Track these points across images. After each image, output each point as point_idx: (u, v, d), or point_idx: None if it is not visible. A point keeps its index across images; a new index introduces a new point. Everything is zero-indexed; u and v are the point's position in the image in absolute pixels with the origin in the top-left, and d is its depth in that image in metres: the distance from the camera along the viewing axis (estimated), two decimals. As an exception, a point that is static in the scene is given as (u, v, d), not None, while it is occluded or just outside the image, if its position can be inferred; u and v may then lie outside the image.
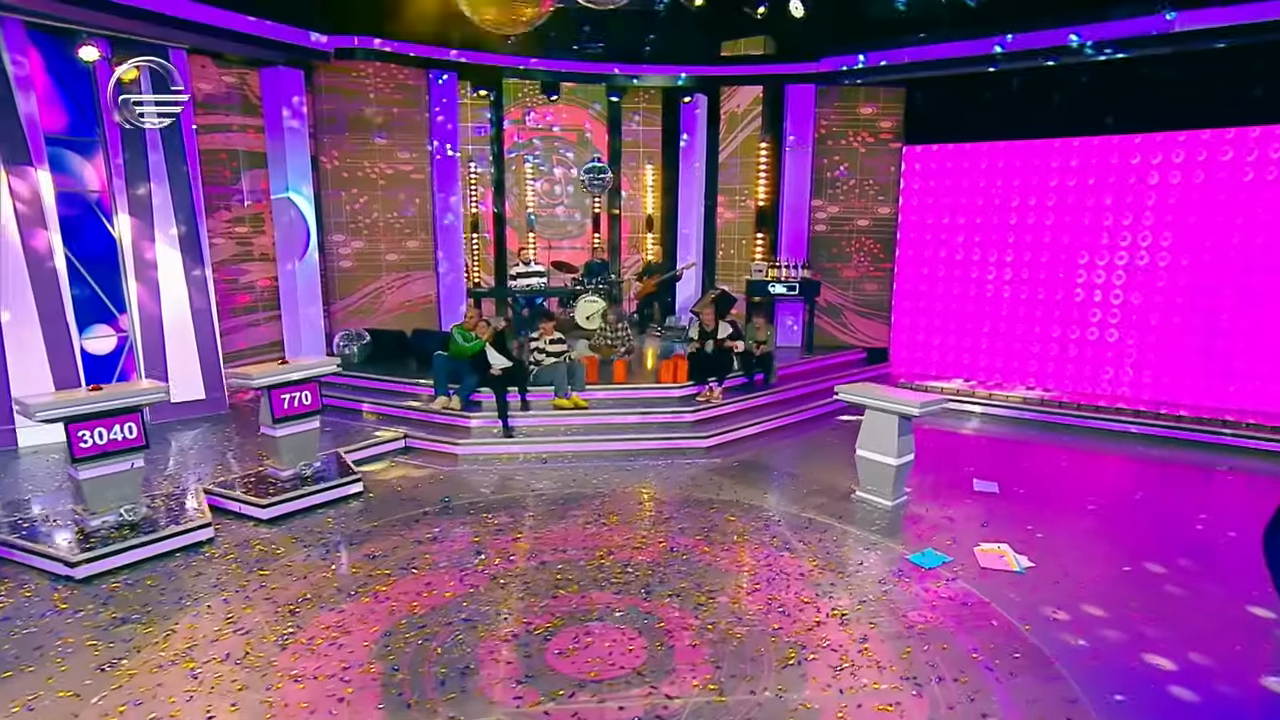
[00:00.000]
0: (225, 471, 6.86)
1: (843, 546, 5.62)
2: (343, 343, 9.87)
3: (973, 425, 9.09)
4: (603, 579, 5.10)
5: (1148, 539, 5.74)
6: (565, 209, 14.00)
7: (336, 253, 10.40)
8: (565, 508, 6.32)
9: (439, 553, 5.53)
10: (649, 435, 7.95)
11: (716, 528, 5.92)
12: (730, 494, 6.65)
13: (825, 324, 11.11)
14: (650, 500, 6.51)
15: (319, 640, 4.39)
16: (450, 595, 4.90)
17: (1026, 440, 8.48)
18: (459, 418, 8.09)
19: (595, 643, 4.36)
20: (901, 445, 6.24)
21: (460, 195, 10.76)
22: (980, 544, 5.61)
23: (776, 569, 5.24)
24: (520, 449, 7.76)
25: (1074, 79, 9.04)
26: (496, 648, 4.32)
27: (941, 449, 8.24)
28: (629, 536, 5.75)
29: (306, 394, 6.64)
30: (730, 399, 8.66)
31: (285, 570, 5.26)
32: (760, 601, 4.80)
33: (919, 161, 10.49)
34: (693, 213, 12.01)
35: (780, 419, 8.54)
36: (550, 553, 5.50)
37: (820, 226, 10.95)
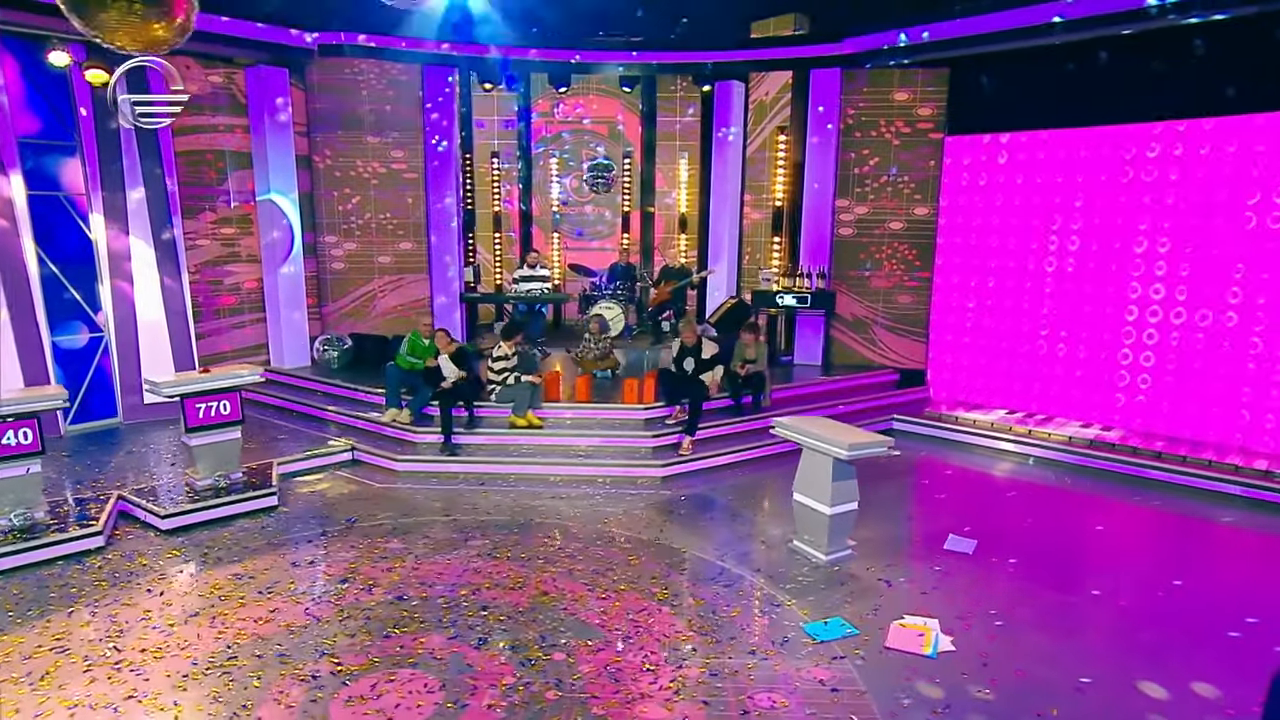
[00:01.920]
0: (154, 478, 7.35)
1: (737, 605, 5.33)
2: (322, 347, 10.34)
3: (1005, 467, 8.40)
4: (449, 621, 5.09)
5: (1149, 645, 4.95)
6: (595, 208, 14.12)
7: (328, 254, 10.91)
8: (468, 536, 6.42)
9: (306, 578, 5.72)
10: (604, 461, 7.93)
11: (612, 571, 5.82)
12: (654, 532, 6.53)
13: (850, 340, 10.63)
14: (563, 534, 6.49)
15: (127, 664, 4.62)
16: (285, 625, 5.04)
17: (1066, 491, 7.74)
18: (409, 431, 8.31)
19: (391, 693, 4.35)
20: (837, 491, 5.86)
21: (457, 195, 11.02)
22: (905, 617, 5.17)
23: (643, 626, 5.04)
24: (464, 468, 7.91)
25: (1155, 49, 8.03)
26: (288, 688, 4.39)
27: (943, 493, 7.71)
28: (511, 574, 5.75)
29: (225, 403, 7.01)
30: (710, 423, 8.46)
31: (151, 586, 5.58)
32: (599, 663, 4.64)
33: (963, 154, 9.80)
34: (726, 212, 11.76)
35: (770, 447, 8.23)
36: (416, 586, 5.58)
37: (846, 230, 10.48)
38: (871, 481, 7.63)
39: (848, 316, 10.59)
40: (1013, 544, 6.36)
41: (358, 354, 10.41)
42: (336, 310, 11.06)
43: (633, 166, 13.67)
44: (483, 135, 13.70)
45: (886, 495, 7.41)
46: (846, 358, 10.62)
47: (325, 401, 9.35)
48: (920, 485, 7.80)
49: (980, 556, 6.11)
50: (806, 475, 6.07)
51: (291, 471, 7.83)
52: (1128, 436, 8.47)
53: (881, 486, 7.61)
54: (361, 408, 8.99)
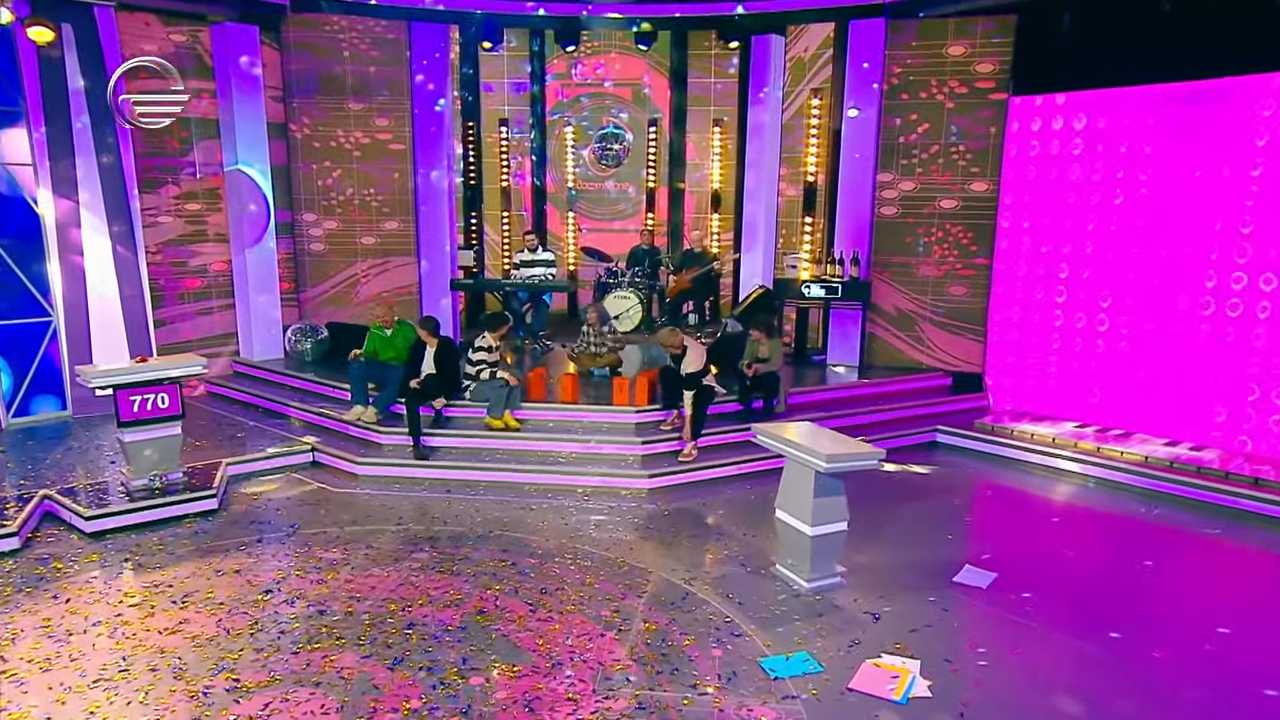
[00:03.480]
0: (91, 476, 7.78)
1: (691, 634, 5.39)
2: (294, 338, 10.72)
3: (1059, 490, 8.22)
4: (369, 638, 5.28)
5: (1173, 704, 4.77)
6: (617, 183, 14.29)
7: (306, 234, 11.30)
8: (415, 548, 6.64)
9: (228, 587, 5.99)
10: (586, 469, 8.07)
11: (562, 590, 5.95)
12: (622, 550, 6.64)
13: (892, 338, 10.53)
14: (519, 548, 6.66)
15: (8, 674, 4.92)
16: (191, 637, 5.31)
17: (1125, 519, 7.53)
18: (374, 431, 8.59)
19: (283, 713, 4.56)
20: (820, 509, 5.85)
21: (449, 168, 11.29)
22: (882, 656, 5.15)
23: (579, 653, 5.15)
24: (430, 474, 8.14)
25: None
26: (175, 705, 4.64)
27: (973, 517, 7.59)
28: (450, 590, 5.94)
29: (163, 396, 7.37)
30: (712, 429, 8.50)
31: (59, 592, 5.93)
32: (518, 690, 4.76)
33: (1031, 118, 9.59)
34: (762, 188, 11.78)
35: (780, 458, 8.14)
36: (344, 600, 5.80)
37: (888, 209, 10.38)
38: (891, 500, 7.65)
39: (890, 310, 10.49)
40: (1039, 578, 6.23)
41: (335, 346, 10.69)
42: (315, 297, 11.43)
43: (659, 136, 13.76)
44: (491, 101, 13.97)
45: (903, 517, 7.35)
46: (889, 358, 10.51)
47: (293, 397, 9.70)
48: (949, 507, 7.69)
49: (995, 591, 6.01)
50: (789, 490, 6.08)
51: (243, 473, 8.17)
52: (1227, 459, 8.15)
53: (901, 507, 7.56)
54: (330, 405, 9.30)
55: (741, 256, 11.99)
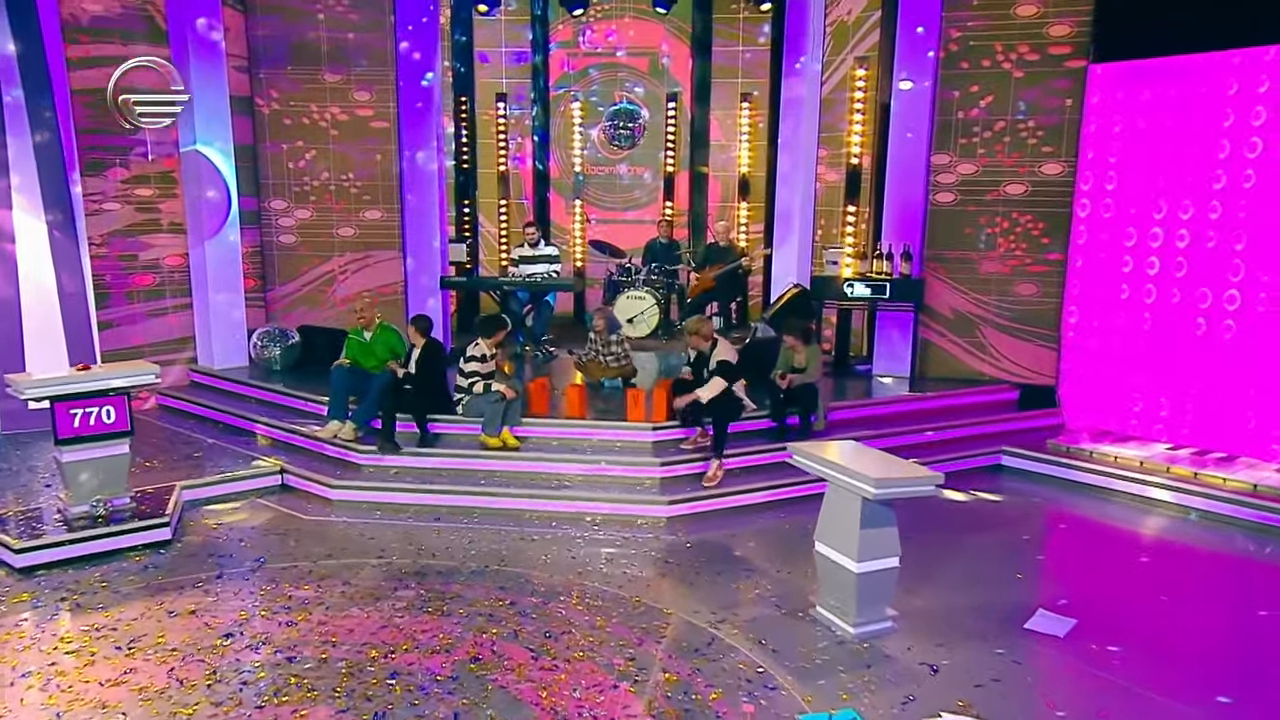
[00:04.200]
0: (22, 502, 7.76)
1: (719, 686, 5.30)
2: (261, 343, 10.71)
3: (1152, 523, 8.10)
4: (345, 690, 5.21)
5: None
6: (630, 167, 14.31)
7: (275, 224, 11.31)
8: (399, 584, 6.62)
9: (182, 631, 5.93)
10: (596, 494, 8.05)
11: (570, 634, 5.89)
12: (638, 588, 6.60)
13: (950, 345, 10.46)
14: (520, 585, 6.61)
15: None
16: (137, 690, 5.24)
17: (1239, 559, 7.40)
18: (352, 451, 8.58)
19: (241, 778, 4.48)
20: (868, 542, 5.77)
21: (439, 149, 11.27)
22: (942, 715, 5.04)
23: (589, 708, 5.06)
24: (416, 499, 8.15)
25: None
26: (117, 766, 4.56)
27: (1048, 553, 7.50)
28: (441, 634, 5.88)
29: (109, 410, 7.33)
30: (740, 449, 8.45)
31: (-14, 635, 5.88)
32: (519, 752, 4.68)
33: (1116, 88, 9.48)
34: (798, 173, 11.68)
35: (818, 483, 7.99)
36: (316, 645, 5.74)
37: (945, 195, 10.31)
38: (949, 533, 7.58)
39: (946, 313, 10.42)
40: (1127, 627, 6.10)
41: (307, 352, 10.74)
42: (284, 296, 11.43)
43: (679, 113, 13.76)
44: (486, 72, 14.05)
45: (964, 552, 7.28)
46: (946, 368, 10.44)
47: (258, 411, 9.71)
48: (1018, 542, 7.59)
49: (1074, 640, 5.90)
50: (831, 520, 6.00)
51: (200, 498, 8.16)
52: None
53: (961, 540, 7.50)
54: (300, 419, 9.30)
55: (773, 251, 11.87)
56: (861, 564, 5.77)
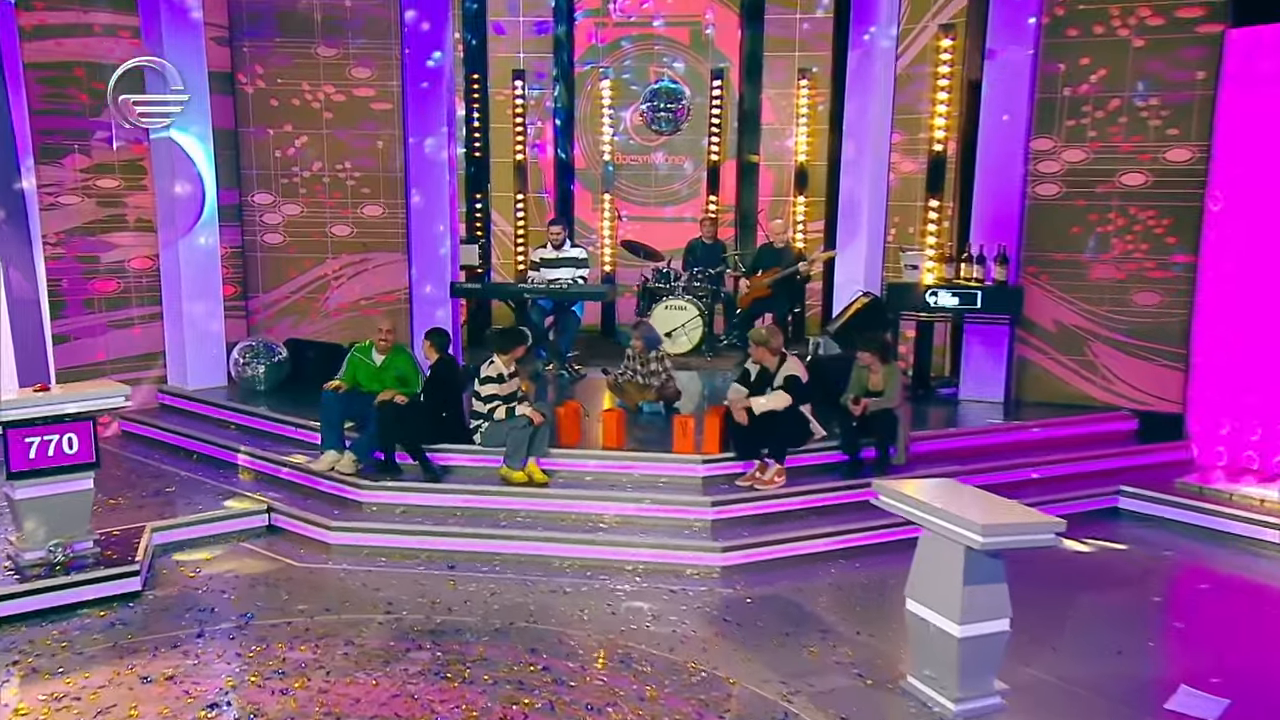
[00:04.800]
0: (-32, 545, 7.67)
1: (799, 780, 5.14)
2: (242, 360, 10.65)
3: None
4: (350, 776, 5.09)
5: None
6: (669, 155, 14.30)
7: (259, 221, 11.26)
8: (412, 645, 6.51)
9: (157, 700, 5.76)
10: (638, 539, 7.96)
11: (616, 707, 5.74)
12: (694, 651, 6.46)
13: (1053, 365, 10.31)
14: (552, 646, 6.50)
15: None
16: (105, 773, 5.13)
17: None
18: (352, 487, 8.50)
19: None
20: (973, 601, 5.59)
21: (451, 136, 11.21)
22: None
23: (644, 800, 4.91)
24: (425, 542, 8.08)
25: None
26: None
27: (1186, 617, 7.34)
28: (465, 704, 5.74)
29: (71, 438, 7.26)
30: (807, 487, 8.38)
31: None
32: None
33: (1262, 58, 9.27)
34: (867, 162, 11.61)
35: (900, 528, 7.86)
36: (317, 717, 5.60)
37: (1047, 187, 10.17)
38: (1063, 590, 7.41)
39: (1048, 326, 10.26)
40: None
41: (296, 370, 10.68)
42: (269, 305, 11.36)
43: (726, 93, 13.68)
44: (503, 46, 13.98)
45: (1083, 613, 7.11)
46: (1048, 392, 10.28)
47: (240, 439, 9.66)
48: (1148, 603, 7.46)
49: (1234, 721, 5.71)
50: (926, 573, 5.83)
51: (174, 541, 8.09)
52: None
53: (1077, 599, 7.33)
54: (290, 449, 9.25)
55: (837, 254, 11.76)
56: (965, 627, 5.58)
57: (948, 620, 5.65)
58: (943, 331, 10.92)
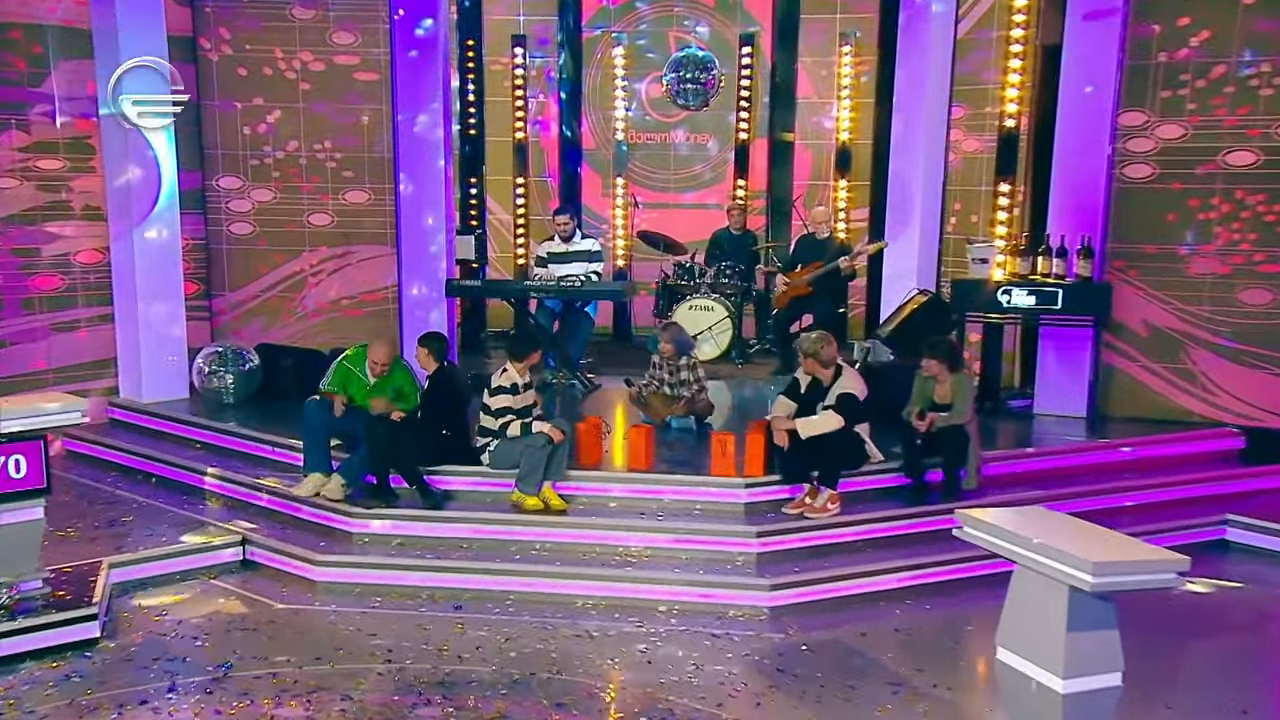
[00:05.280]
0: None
1: None
2: (208, 368, 10.46)
3: None
4: None
5: None
6: (690, 134, 14.27)
7: (225, 210, 11.13)
8: (418, 699, 6.40)
9: (122, 770, 5.66)
10: (672, 574, 7.85)
11: (661, 781, 5.62)
12: (740, 708, 6.37)
13: (1144, 373, 10.21)
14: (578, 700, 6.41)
15: None
16: None
17: None
18: (340, 515, 8.35)
19: None
20: (1077, 651, 5.37)
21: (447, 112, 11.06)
22: None
23: None
24: (427, 579, 7.93)
25: None
26: None
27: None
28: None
29: (18, 460, 7.04)
30: (866, 515, 8.26)
31: None
32: None
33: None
34: (921, 140, 11.45)
35: (976, 564, 7.97)
36: (309, 794, 5.49)
37: (1138, 168, 10.06)
38: (1169, 636, 7.33)
39: (1138, 328, 10.15)
40: None
41: (269, 380, 10.55)
42: (237, 305, 11.25)
43: (757, 62, 13.63)
44: (500, 7, 13.92)
45: (1207, 666, 7.05)
46: (1139, 404, 10.18)
47: (205, 460, 9.51)
48: (1271, 653, 7.36)
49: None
50: (1020, 617, 5.66)
51: (135, 579, 7.93)
52: None
53: (1200, 648, 7.24)
54: (266, 471, 9.15)
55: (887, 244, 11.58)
56: (1069, 681, 5.34)
57: (1049, 673, 5.45)
58: (1012, 335, 10.84)
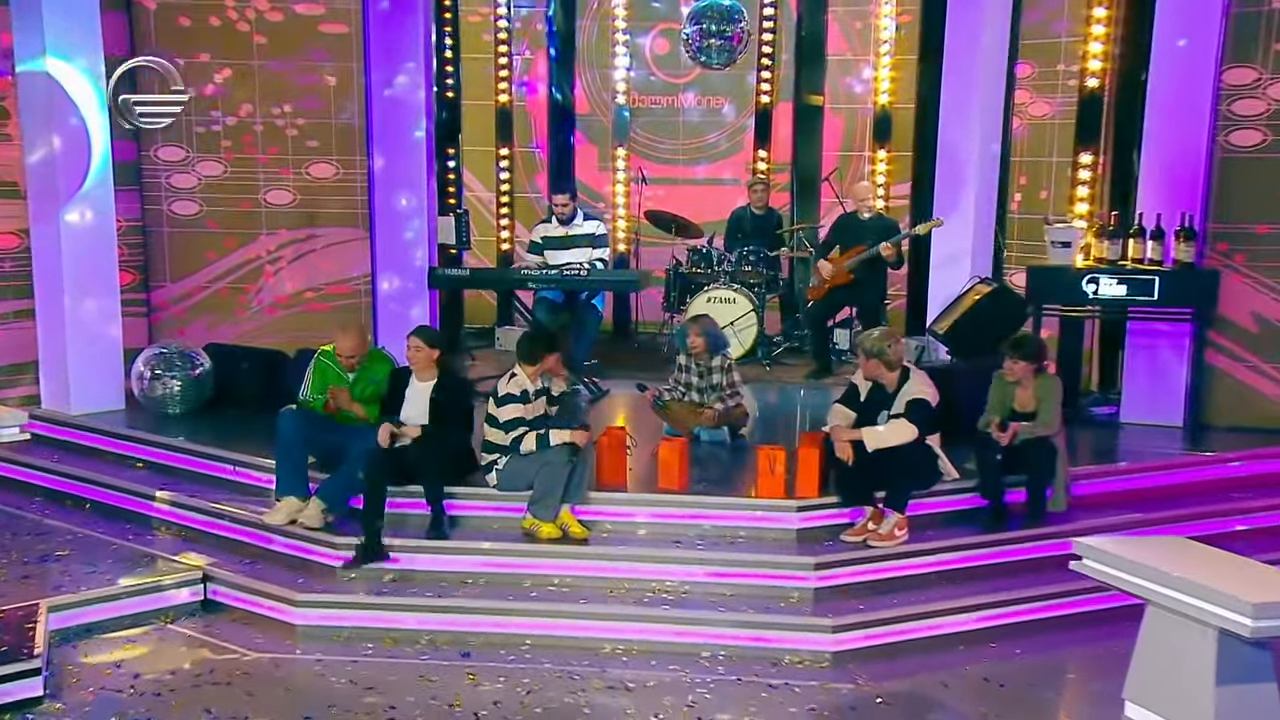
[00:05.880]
0: None
1: None
2: (150, 373, 10.34)
3: None
4: None
5: None
6: (702, 96, 14.37)
7: (165, 186, 11.04)
8: None
9: None
10: (715, 613, 7.81)
11: None
12: None
13: (1253, 377, 10.26)
14: None
15: None
16: None
17: None
18: (320, 546, 8.26)
19: None
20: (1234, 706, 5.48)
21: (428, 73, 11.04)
22: None
23: None
24: (427, 621, 7.84)
25: None
26: None
27: None
28: None
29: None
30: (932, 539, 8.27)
31: None
32: None
33: None
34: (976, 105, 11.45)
35: (1077, 599, 8.09)
36: None
37: (1244, 134, 10.07)
38: None
39: (1246, 324, 10.16)
40: None
41: (223, 386, 10.49)
42: (179, 299, 11.21)
43: (781, 13, 13.81)
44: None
45: None
46: (1247, 412, 10.22)
47: (150, 481, 9.41)
48: None
49: None
50: (1154, 666, 5.84)
51: (78, 625, 7.83)
52: None
53: None
54: (224, 494, 9.09)
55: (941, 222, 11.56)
56: (1221, 743, 5.49)
57: (1191, 732, 5.54)
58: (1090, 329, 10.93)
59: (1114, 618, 7.94)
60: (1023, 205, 11.60)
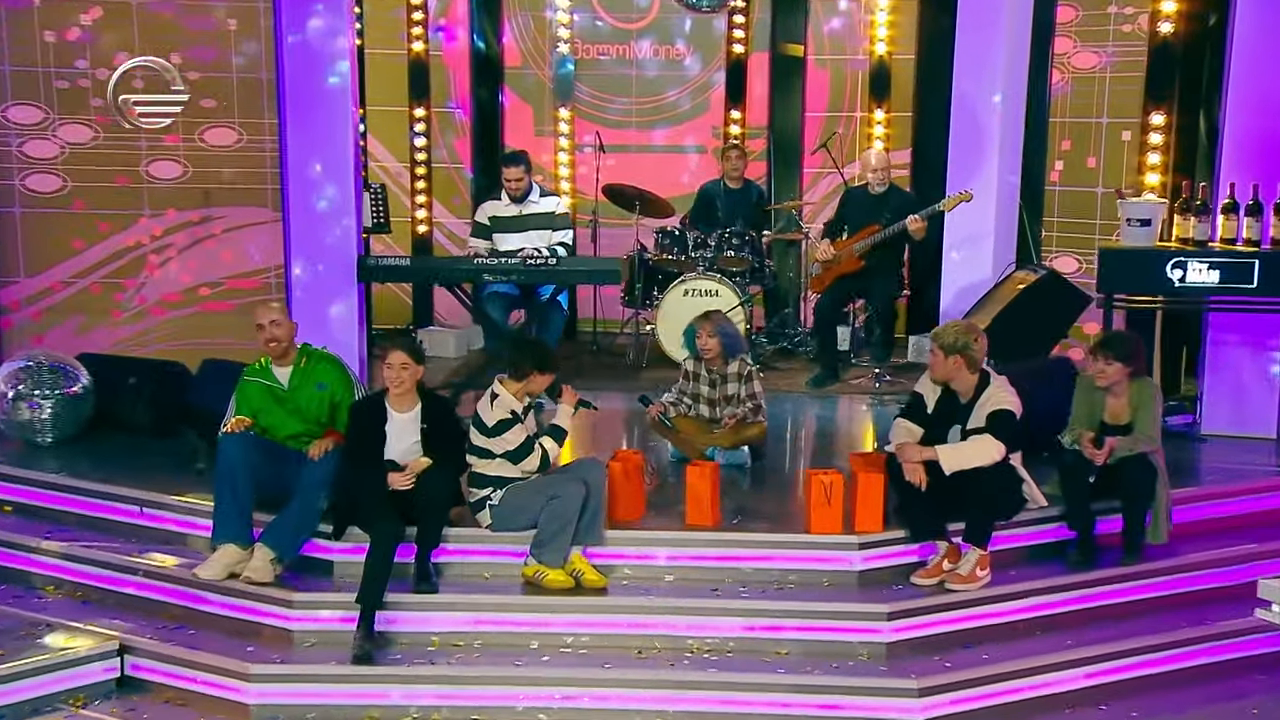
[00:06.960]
0: None
1: None
2: (13, 393, 10.14)
3: None
4: None
5: None
6: (660, 46, 14.44)
7: (17, 156, 10.92)
8: None
9: None
10: (767, 676, 7.75)
11: None
12: None
13: None
14: None
15: None
16: None
17: None
18: (269, 605, 8.17)
19: None
20: None
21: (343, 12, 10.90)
22: None
23: None
24: (409, 693, 7.79)
25: None
26: None
27: None
28: None
29: None
30: (1012, 582, 8.28)
31: None
32: None
33: None
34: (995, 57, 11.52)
35: (1186, 651, 8.15)
36: None
37: None
38: None
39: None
40: None
41: (105, 408, 10.39)
42: (37, 298, 11.10)
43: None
44: None
45: None
46: None
47: (27, 529, 9.28)
48: None
49: None
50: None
51: None
52: None
53: None
54: (134, 543, 9.00)
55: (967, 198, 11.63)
56: None
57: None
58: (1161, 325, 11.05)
59: (1234, 669, 8.10)
60: (1065, 175, 11.63)
